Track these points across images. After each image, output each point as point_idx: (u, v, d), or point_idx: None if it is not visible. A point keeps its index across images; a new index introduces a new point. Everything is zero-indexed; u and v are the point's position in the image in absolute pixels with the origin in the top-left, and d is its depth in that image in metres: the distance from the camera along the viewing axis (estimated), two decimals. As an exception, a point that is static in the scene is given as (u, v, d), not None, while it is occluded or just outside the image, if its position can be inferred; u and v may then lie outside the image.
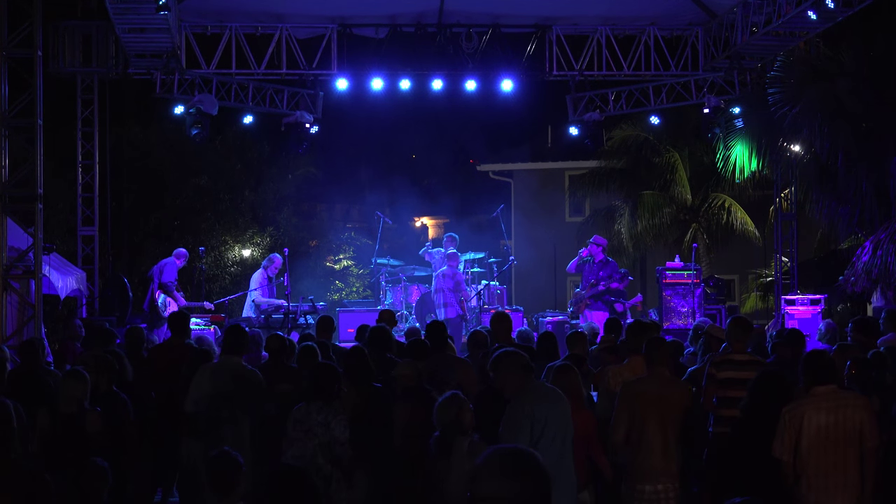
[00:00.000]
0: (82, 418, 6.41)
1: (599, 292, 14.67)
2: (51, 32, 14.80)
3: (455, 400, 5.95)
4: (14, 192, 11.93)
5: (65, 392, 6.52)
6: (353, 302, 20.45)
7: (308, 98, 16.30)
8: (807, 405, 5.91)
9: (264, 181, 25.19)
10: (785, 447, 5.89)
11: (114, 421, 6.72)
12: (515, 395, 5.89)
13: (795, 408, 5.93)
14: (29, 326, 11.65)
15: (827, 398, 5.90)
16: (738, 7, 14.47)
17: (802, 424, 5.85)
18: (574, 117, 16.71)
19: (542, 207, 26.56)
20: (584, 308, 14.70)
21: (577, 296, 15.04)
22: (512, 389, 5.92)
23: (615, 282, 14.68)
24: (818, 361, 6.12)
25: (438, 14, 15.43)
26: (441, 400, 5.99)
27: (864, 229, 16.00)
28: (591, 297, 14.66)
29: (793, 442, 5.87)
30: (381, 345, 8.11)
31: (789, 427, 5.88)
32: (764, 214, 21.11)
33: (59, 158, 18.37)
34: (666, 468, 6.41)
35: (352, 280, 28.01)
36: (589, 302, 14.68)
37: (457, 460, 5.75)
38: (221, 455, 4.83)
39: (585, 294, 14.73)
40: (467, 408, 5.96)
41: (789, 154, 17.02)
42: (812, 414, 5.86)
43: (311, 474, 4.16)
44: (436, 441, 5.95)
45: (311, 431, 6.47)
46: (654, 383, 6.54)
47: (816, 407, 5.88)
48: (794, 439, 5.87)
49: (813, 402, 5.90)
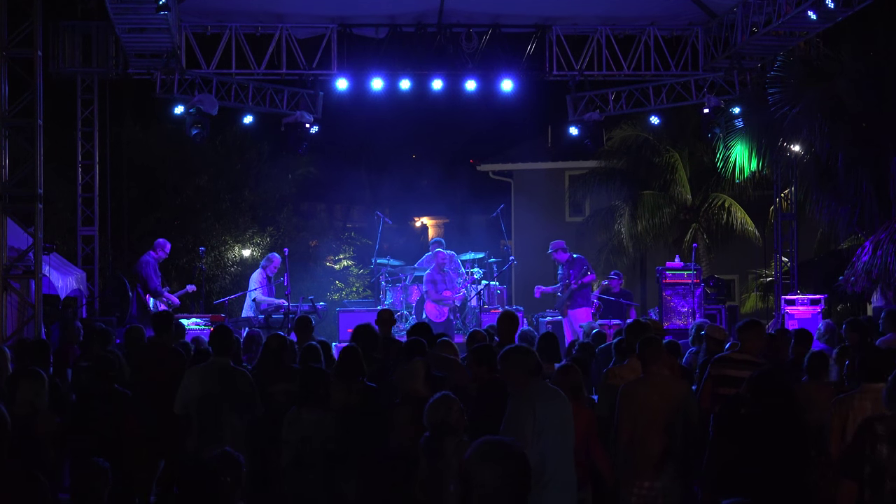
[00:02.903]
0: (33, 420, 6.28)
1: (573, 291, 14.67)
2: (51, 32, 14.80)
3: (444, 400, 5.95)
4: (14, 192, 11.92)
5: (20, 394, 6.34)
6: (353, 302, 20.43)
7: (308, 98, 16.30)
8: (855, 400, 6.03)
9: (264, 181, 25.18)
10: (837, 444, 6.02)
11: (115, 421, 6.72)
12: (519, 392, 5.89)
13: (845, 403, 6.06)
14: (29, 326, 11.65)
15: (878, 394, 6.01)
16: (738, 7, 14.47)
17: (847, 420, 5.96)
18: (574, 117, 16.71)
19: (542, 207, 26.53)
20: (566, 309, 14.70)
21: (557, 299, 15.04)
22: (517, 385, 5.93)
23: (585, 276, 14.68)
24: (875, 358, 6.21)
25: (438, 14, 15.43)
26: (431, 400, 5.99)
27: (864, 229, 15.99)
28: (567, 297, 14.66)
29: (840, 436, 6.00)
30: (366, 343, 8.04)
31: (838, 423, 6.01)
32: (764, 214, 21.11)
33: (59, 158, 18.37)
34: (664, 466, 6.42)
35: (352, 280, 27.99)
36: (568, 303, 14.68)
37: (444, 461, 5.76)
38: (222, 455, 4.82)
39: (563, 296, 14.74)
40: (457, 408, 5.95)
41: (789, 154, 17.01)
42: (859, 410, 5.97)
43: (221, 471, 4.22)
44: (425, 441, 5.95)
45: (306, 438, 6.51)
46: (651, 382, 6.55)
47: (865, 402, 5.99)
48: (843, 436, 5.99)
49: (864, 398, 6.02)
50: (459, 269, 15.97)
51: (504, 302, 16.41)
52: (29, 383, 6.40)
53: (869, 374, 6.11)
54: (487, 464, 3.19)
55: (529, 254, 23.07)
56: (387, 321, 9.60)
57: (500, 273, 16.93)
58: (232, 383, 7.27)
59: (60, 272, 14.26)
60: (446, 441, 5.82)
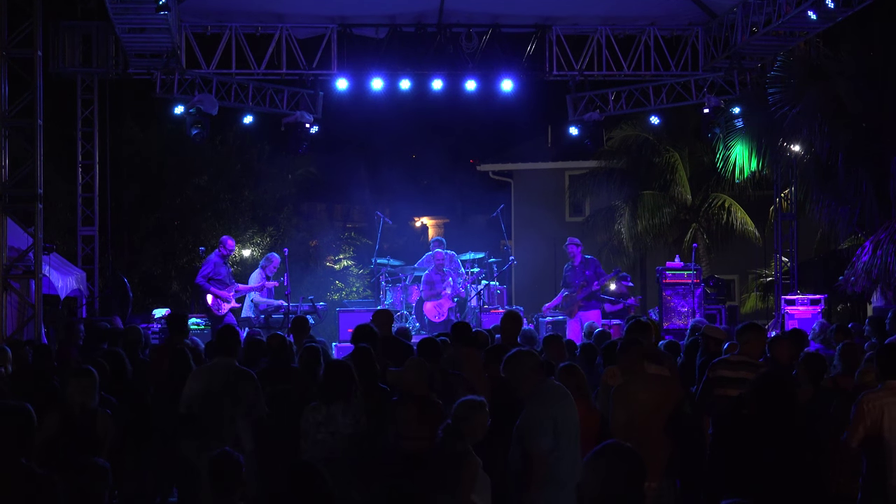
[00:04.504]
0: (88, 419, 6.33)
1: (592, 292, 14.66)
2: (51, 32, 14.80)
3: (466, 404, 5.79)
4: (14, 192, 11.93)
5: (71, 392, 6.39)
6: (353, 302, 20.42)
7: (308, 98, 16.30)
8: (885, 397, 6.13)
9: (264, 181, 25.18)
10: (857, 436, 6.15)
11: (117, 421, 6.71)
12: (532, 396, 5.88)
13: (874, 399, 6.15)
14: (29, 326, 11.65)
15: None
16: (738, 7, 14.47)
17: (883, 417, 6.07)
18: (574, 117, 16.71)
19: (542, 207, 26.54)
20: (577, 310, 14.67)
21: (566, 299, 14.94)
22: (527, 390, 5.91)
23: (604, 277, 14.70)
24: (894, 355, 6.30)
25: (438, 14, 15.43)
26: (456, 404, 5.85)
27: (864, 229, 16.01)
28: (583, 298, 14.64)
29: (865, 433, 6.11)
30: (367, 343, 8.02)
31: (866, 417, 6.11)
32: (764, 214, 21.11)
33: (59, 158, 18.37)
34: (660, 466, 6.41)
35: (352, 280, 28.00)
36: (582, 304, 14.66)
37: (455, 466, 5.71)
38: (222, 455, 4.82)
39: (578, 296, 14.70)
40: (473, 416, 5.76)
41: (789, 154, 17.02)
42: (892, 406, 6.09)
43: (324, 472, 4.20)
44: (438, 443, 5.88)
45: (337, 433, 6.47)
46: (641, 382, 6.54)
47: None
48: (866, 430, 6.11)
49: (891, 394, 6.13)
50: (459, 269, 15.97)
51: (504, 302, 16.40)
52: (79, 382, 6.38)
53: (891, 372, 6.24)
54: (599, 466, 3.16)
55: (529, 254, 23.08)
56: (385, 322, 9.57)
57: (500, 273, 16.92)
58: (236, 384, 7.27)
59: (60, 272, 14.26)
60: (458, 447, 5.69)
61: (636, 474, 3.23)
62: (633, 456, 3.24)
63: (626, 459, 3.23)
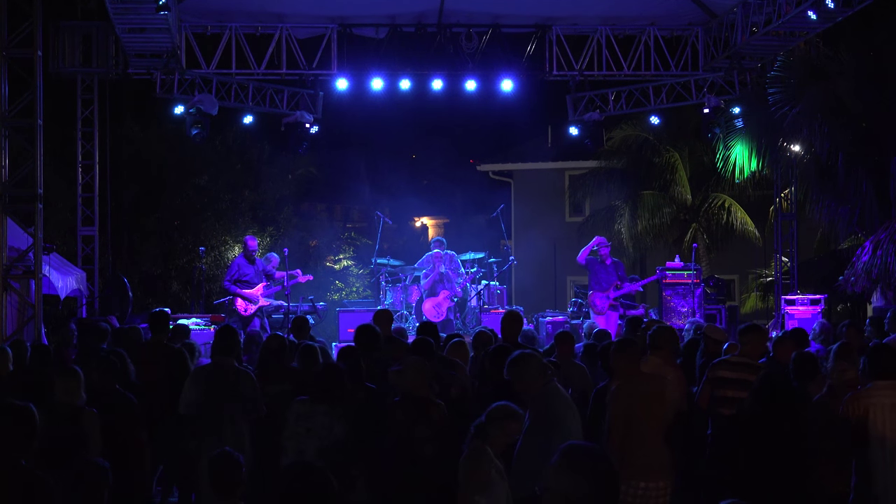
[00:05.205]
0: (74, 418, 6.32)
1: (624, 294, 14.72)
2: (51, 32, 14.81)
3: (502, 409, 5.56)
4: (14, 192, 11.92)
5: (57, 392, 6.38)
6: (353, 302, 20.42)
7: (308, 98, 16.30)
8: (871, 397, 6.15)
9: (264, 181, 25.16)
10: None
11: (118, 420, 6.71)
12: (541, 398, 5.88)
13: (858, 400, 6.18)
14: (29, 326, 11.64)
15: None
16: (738, 7, 14.47)
17: (868, 416, 6.10)
18: (574, 117, 16.71)
19: (542, 207, 26.55)
20: (608, 309, 14.64)
21: (595, 296, 14.74)
22: (534, 392, 5.91)
23: (637, 283, 15.05)
24: (885, 356, 6.31)
25: (438, 14, 15.44)
26: (492, 406, 5.62)
27: (864, 229, 16.00)
28: (615, 298, 14.66)
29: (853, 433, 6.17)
30: (367, 343, 8.02)
31: (850, 418, 6.17)
32: (764, 214, 21.11)
33: (59, 158, 18.37)
34: (660, 465, 6.41)
35: (352, 280, 27.97)
36: (615, 304, 14.67)
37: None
38: (222, 455, 4.82)
39: (612, 295, 14.64)
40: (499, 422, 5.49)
41: (789, 154, 17.02)
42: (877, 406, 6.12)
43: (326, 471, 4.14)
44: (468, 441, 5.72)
45: (312, 431, 6.47)
46: (639, 382, 6.54)
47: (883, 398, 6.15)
48: (853, 430, 6.15)
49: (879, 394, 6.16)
50: (459, 269, 15.97)
51: (504, 302, 16.40)
52: (64, 382, 6.40)
53: (882, 373, 6.23)
54: (572, 472, 2.99)
55: (529, 254, 23.09)
56: (384, 322, 9.57)
57: (500, 273, 16.93)
58: (235, 384, 7.27)
59: (60, 272, 14.26)
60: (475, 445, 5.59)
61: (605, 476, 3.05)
62: (603, 457, 3.09)
63: (597, 460, 3.07)
